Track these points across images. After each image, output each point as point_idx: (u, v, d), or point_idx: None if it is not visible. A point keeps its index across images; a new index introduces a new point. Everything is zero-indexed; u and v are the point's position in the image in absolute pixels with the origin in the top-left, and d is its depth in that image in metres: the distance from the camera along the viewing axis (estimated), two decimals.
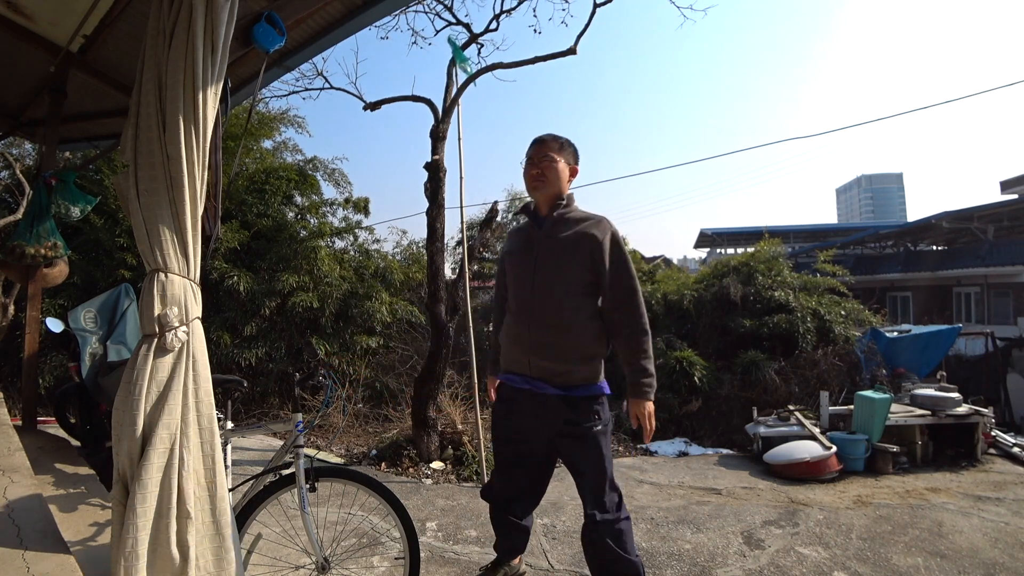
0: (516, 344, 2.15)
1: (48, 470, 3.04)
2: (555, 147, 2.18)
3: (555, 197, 2.17)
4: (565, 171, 2.19)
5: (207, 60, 1.58)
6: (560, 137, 2.22)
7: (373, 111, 5.90)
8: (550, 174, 2.15)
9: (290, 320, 7.45)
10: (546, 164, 2.15)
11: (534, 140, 2.24)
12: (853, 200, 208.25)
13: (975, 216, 16.49)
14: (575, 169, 2.25)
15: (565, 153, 2.20)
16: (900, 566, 3.03)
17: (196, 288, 1.61)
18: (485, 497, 2.36)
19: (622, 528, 2.04)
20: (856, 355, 7.40)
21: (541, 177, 2.15)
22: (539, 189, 2.16)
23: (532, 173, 2.17)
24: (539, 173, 2.15)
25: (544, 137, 2.22)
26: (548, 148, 2.18)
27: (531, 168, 2.19)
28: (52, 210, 3.59)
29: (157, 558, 1.42)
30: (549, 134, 2.23)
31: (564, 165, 2.18)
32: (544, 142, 2.19)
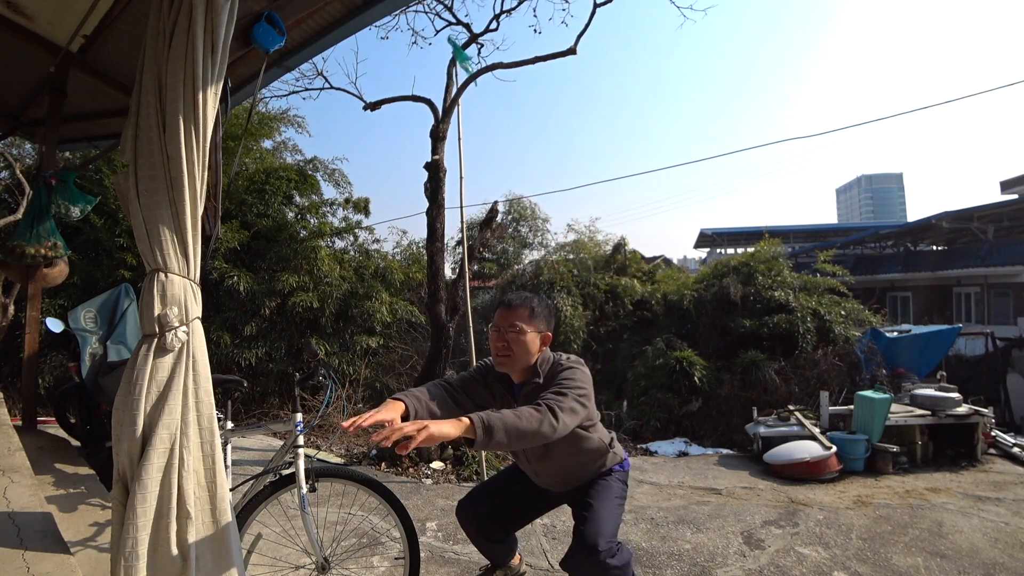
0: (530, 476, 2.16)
1: (48, 470, 3.03)
2: (524, 315, 1.92)
3: (526, 369, 1.95)
4: (535, 341, 1.93)
5: (207, 60, 1.58)
6: (531, 300, 1.96)
7: (373, 111, 5.91)
8: (517, 348, 1.89)
9: (290, 320, 7.45)
10: (512, 336, 1.89)
11: (502, 305, 1.98)
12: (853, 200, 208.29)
13: (975, 216, 16.49)
14: (548, 336, 1.97)
15: (536, 321, 1.93)
16: (900, 566, 3.03)
17: (196, 288, 1.61)
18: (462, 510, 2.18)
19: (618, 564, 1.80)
20: (856, 355, 7.40)
21: (507, 351, 1.90)
22: (506, 366, 1.93)
23: (498, 346, 1.93)
24: (505, 347, 1.91)
25: (513, 301, 1.96)
26: (516, 316, 1.92)
27: (496, 339, 1.94)
28: (52, 210, 3.59)
29: (157, 558, 1.42)
30: (519, 296, 1.98)
31: (534, 335, 1.92)
32: (512, 308, 1.94)
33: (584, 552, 1.80)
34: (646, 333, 8.71)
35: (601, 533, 1.82)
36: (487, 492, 2.25)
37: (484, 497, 2.21)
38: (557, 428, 1.65)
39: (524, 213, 13.84)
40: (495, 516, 2.18)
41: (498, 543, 2.24)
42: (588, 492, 2.02)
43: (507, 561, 2.38)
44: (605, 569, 1.76)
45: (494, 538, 2.22)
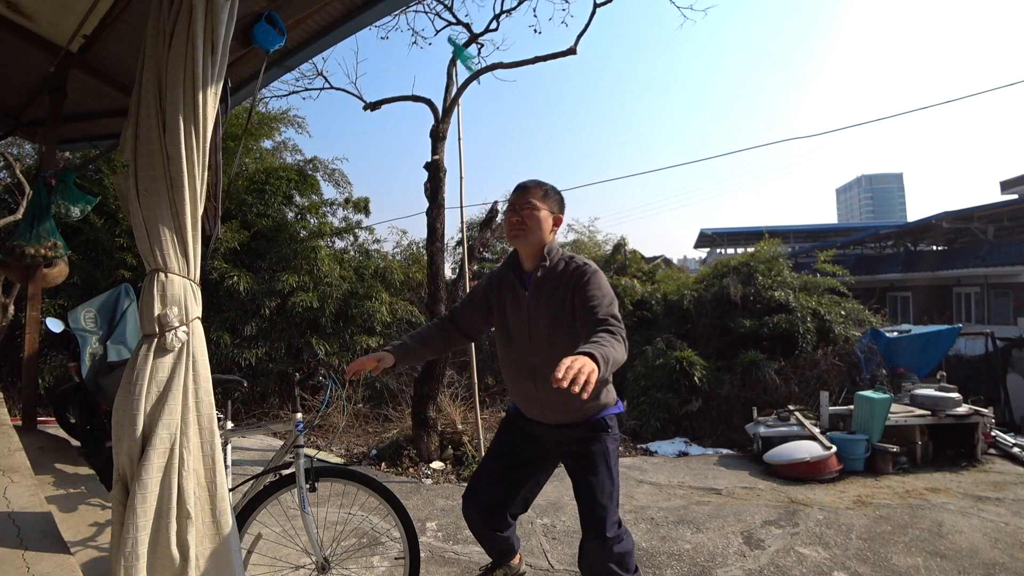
0: (525, 398, 2.11)
1: (48, 470, 3.04)
2: (538, 194, 2.03)
3: (537, 249, 2.03)
4: (548, 220, 2.03)
5: (207, 60, 1.58)
6: (544, 184, 2.08)
7: (373, 111, 5.90)
8: (531, 223, 2.00)
9: (290, 320, 7.45)
10: (527, 212, 2.00)
11: (517, 187, 2.09)
12: (853, 200, 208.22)
13: (975, 216, 16.49)
14: (559, 218, 2.09)
15: (549, 201, 2.05)
16: (900, 566, 3.03)
17: (196, 288, 1.61)
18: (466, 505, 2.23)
19: (623, 550, 1.97)
20: (856, 355, 7.39)
21: (521, 225, 2.00)
22: (519, 239, 2.02)
23: (512, 221, 2.03)
24: (519, 221, 2.00)
25: (527, 183, 2.07)
26: (530, 195, 2.03)
27: (511, 215, 2.04)
28: (52, 210, 3.60)
29: (157, 558, 1.42)
30: (533, 180, 2.08)
31: (547, 213, 2.03)
32: (526, 188, 2.05)
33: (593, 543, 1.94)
34: (646, 333, 8.70)
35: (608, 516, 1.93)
36: (484, 474, 2.25)
37: (483, 482, 2.22)
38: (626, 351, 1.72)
39: None
40: (497, 501, 2.18)
41: (503, 533, 2.23)
42: (585, 461, 2.00)
43: (508, 559, 2.38)
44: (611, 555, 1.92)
45: (499, 527, 2.22)
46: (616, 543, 1.93)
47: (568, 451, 2.06)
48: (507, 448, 2.22)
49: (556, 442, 2.09)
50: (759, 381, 7.18)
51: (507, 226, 2.07)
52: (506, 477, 2.19)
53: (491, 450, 2.29)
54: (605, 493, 1.96)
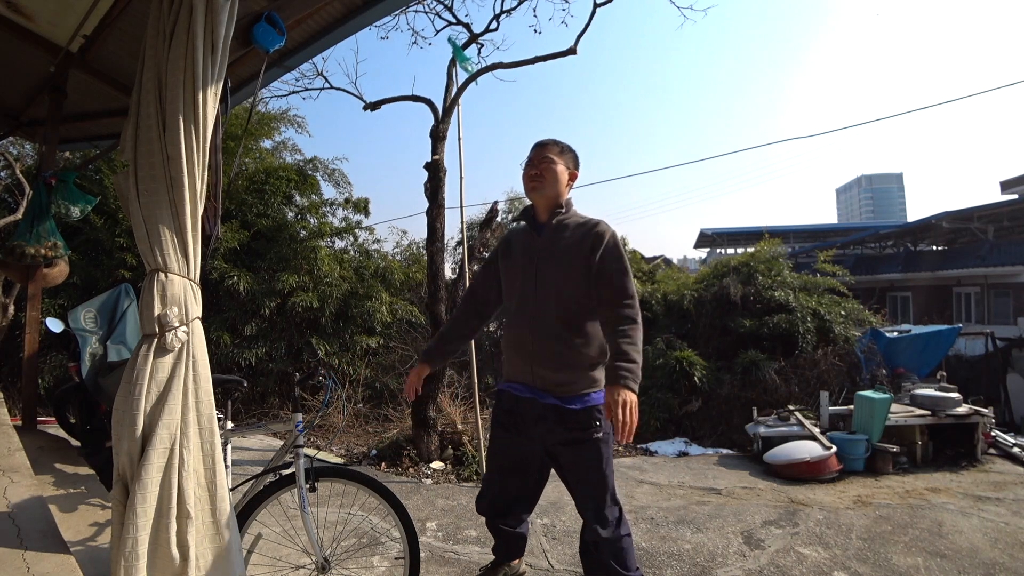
0: (518, 353, 2.09)
1: (48, 470, 3.04)
2: (555, 150, 2.15)
3: (554, 201, 2.13)
4: (564, 175, 2.15)
5: (207, 60, 1.58)
6: (561, 142, 2.20)
7: (373, 111, 5.90)
8: (548, 176, 2.11)
9: (290, 320, 7.44)
10: (544, 166, 2.12)
11: (535, 144, 2.21)
12: (853, 200, 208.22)
13: (975, 216, 16.49)
14: (575, 174, 2.21)
15: (565, 157, 2.16)
16: (900, 566, 3.03)
17: (196, 288, 1.61)
18: (479, 510, 2.30)
19: (623, 546, 1.98)
20: (856, 355, 7.39)
21: (539, 178, 2.11)
22: (537, 190, 2.12)
23: (530, 174, 2.14)
24: (537, 174, 2.12)
25: (544, 140, 2.19)
26: (548, 151, 2.15)
27: (529, 169, 2.15)
28: (52, 210, 3.60)
29: (157, 558, 1.42)
30: (550, 138, 2.21)
31: (563, 168, 2.14)
32: (544, 145, 2.17)
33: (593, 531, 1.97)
34: (646, 333, 8.68)
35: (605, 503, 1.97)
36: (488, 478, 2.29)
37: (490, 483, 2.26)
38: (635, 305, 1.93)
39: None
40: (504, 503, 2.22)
41: (517, 529, 2.27)
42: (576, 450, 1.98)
43: (515, 557, 2.38)
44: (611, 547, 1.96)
45: (512, 524, 2.26)
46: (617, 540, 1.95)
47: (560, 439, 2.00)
48: (503, 448, 2.22)
49: (548, 429, 2.01)
50: (759, 381, 7.18)
51: (525, 179, 2.16)
52: (507, 480, 2.21)
53: (489, 452, 2.32)
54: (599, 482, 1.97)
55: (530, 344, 2.04)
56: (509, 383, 2.16)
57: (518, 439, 2.15)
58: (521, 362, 2.08)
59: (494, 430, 2.28)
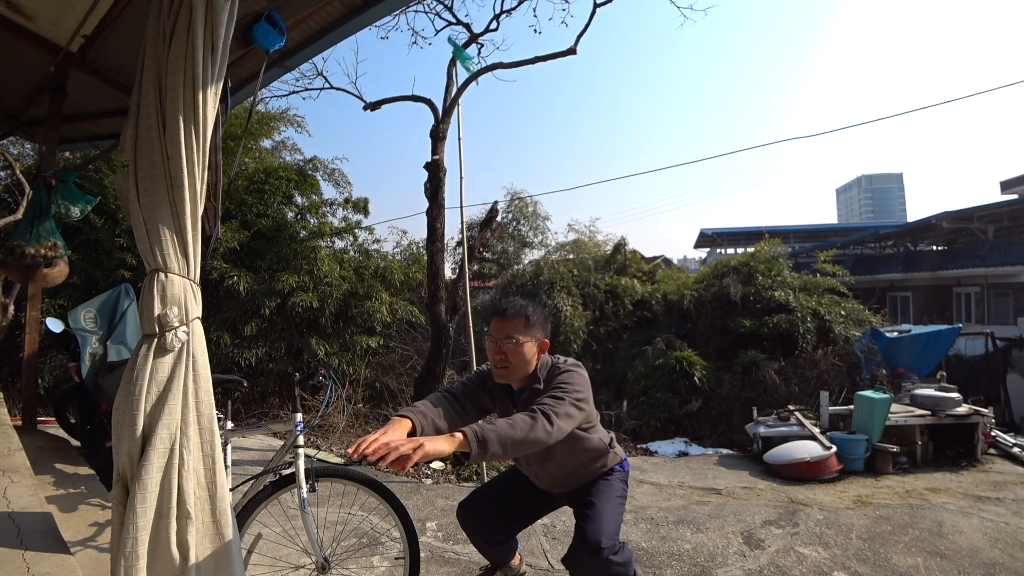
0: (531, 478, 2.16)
1: (48, 470, 3.04)
2: (520, 326, 1.89)
3: (525, 377, 1.94)
4: (533, 351, 1.91)
5: (207, 60, 1.58)
6: (525, 308, 1.94)
7: (373, 111, 5.91)
8: (515, 360, 1.88)
9: (290, 320, 7.44)
10: (510, 348, 1.87)
11: (497, 312, 1.97)
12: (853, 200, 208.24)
13: (975, 216, 16.49)
14: (545, 343, 1.97)
15: (532, 329, 1.91)
16: (900, 566, 3.03)
17: (196, 288, 1.61)
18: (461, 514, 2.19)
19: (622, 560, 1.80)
20: (856, 355, 7.39)
21: (505, 363, 1.89)
22: (505, 377, 1.93)
23: (496, 358, 1.92)
24: (503, 359, 1.89)
25: (507, 311, 1.93)
26: (511, 328, 1.89)
27: (494, 352, 1.92)
28: (52, 210, 3.60)
29: (157, 558, 1.42)
30: (514, 306, 1.95)
31: (531, 344, 1.91)
32: (506, 318, 1.91)
33: (586, 550, 1.79)
34: (646, 333, 8.70)
35: (603, 531, 1.82)
36: (487, 495, 2.25)
37: (484, 500, 2.21)
38: (552, 433, 1.63)
39: (525, 211, 13.83)
40: (496, 518, 2.18)
41: (499, 544, 2.24)
42: (589, 491, 2.01)
43: (507, 562, 2.38)
44: (608, 566, 1.75)
45: (495, 540, 2.22)
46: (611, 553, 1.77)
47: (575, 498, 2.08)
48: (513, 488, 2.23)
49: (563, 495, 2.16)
50: (759, 381, 7.18)
51: (491, 359, 1.96)
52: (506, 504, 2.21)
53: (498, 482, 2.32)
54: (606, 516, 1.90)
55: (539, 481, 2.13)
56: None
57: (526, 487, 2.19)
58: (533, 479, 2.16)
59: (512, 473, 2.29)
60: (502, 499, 2.21)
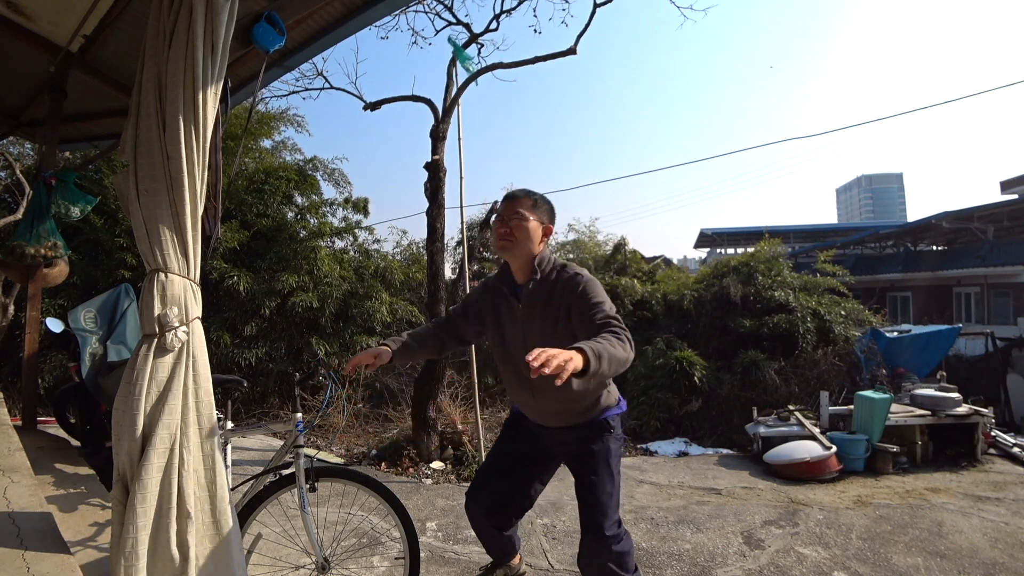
0: (525, 407, 2.13)
1: (48, 470, 3.04)
2: (527, 204, 1.98)
3: (528, 260, 1.98)
4: (537, 231, 1.97)
5: (207, 60, 1.58)
6: (534, 193, 2.03)
7: (373, 111, 5.90)
8: (519, 234, 1.94)
9: (290, 320, 7.45)
10: (515, 223, 1.95)
11: (505, 195, 2.05)
12: (853, 200, 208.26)
13: (975, 216, 16.49)
14: (549, 228, 2.03)
15: (539, 211, 1.99)
16: (900, 566, 3.03)
17: (196, 288, 1.61)
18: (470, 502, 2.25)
19: (623, 550, 1.96)
20: (856, 355, 7.39)
21: (509, 236, 1.95)
22: (507, 250, 1.97)
23: (500, 231, 1.98)
24: (507, 232, 1.95)
25: (515, 192, 2.03)
26: (519, 204, 1.97)
27: (499, 226, 1.99)
28: (52, 210, 3.60)
29: (157, 558, 1.42)
30: (522, 190, 2.04)
31: (536, 224, 1.97)
32: (515, 198, 2.00)
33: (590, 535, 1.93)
34: (646, 333, 8.70)
35: (607, 515, 1.93)
36: (488, 473, 2.26)
37: (486, 479, 2.23)
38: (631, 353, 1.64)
39: None
40: (500, 499, 2.19)
41: (505, 531, 2.25)
42: (588, 459, 2.00)
43: (509, 558, 2.38)
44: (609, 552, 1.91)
45: (502, 525, 2.23)
46: (615, 542, 1.92)
47: (570, 451, 2.07)
48: (510, 447, 2.23)
49: (559, 442, 2.09)
50: (759, 381, 7.18)
51: (495, 237, 2.02)
52: (508, 476, 2.19)
53: (495, 449, 2.31)
54: (605, 492, 1.96)
55: (534, 403, 2.05)
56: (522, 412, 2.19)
57: (523, 444, 2.19)
58: (530, 412, 2.12)
59: (500, 437, 2.31)
60: (501, 472, 2.21)
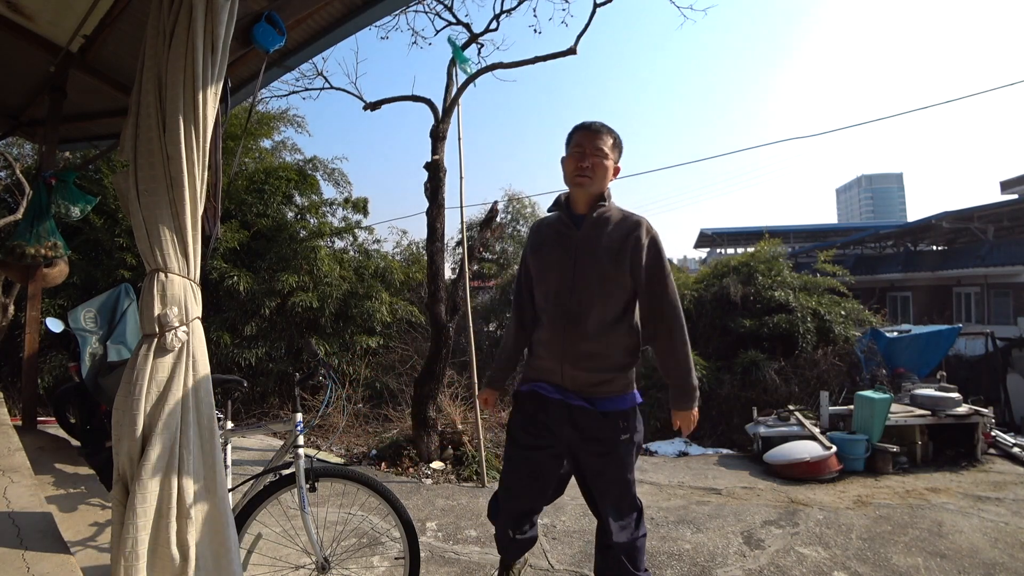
0: (549, 351, 1.96)
1: (48, 470, 3.04)
2: (608, 142, 1.94)
3: (597, 196, 1.94)
4: (611, 170, 1.95)
5: (207, 60, 1.58)
6: (613, 131, 1.97)
7: (373, 111, 5.90)
8: (599, 171, 1.91)
9: (290, 320, 7.45)
10: (597, 160, 1.91)
11: (585, 126, 1.96)
12: (853, 200, 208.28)
13: (975, 216, 16.49)
14: (618, 168, 2.02)
15: (616, 151, 1.98)
16: (900, 566, 3.03)
17: (196, 288, 1.61)
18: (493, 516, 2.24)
19: (638, 546, 1.94)
20: (856, 355, 7.40)
21: (590, 172, 1.90)
22: (584, 186, 1.92)
23: (581, 165, 1.90)
24: (588, 168, 1.90)
25: (597, 127, 1.95)
26: (602, 141, 1.92)
27: (579, 159, 1.91)
28: (52, 210, 3.60)
29: (157, 558, 1.42)
30: (603, 124, 1.97)
31: (612, 163, 1.95)
32: (599, 133, 1.93)
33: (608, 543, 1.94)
34: None
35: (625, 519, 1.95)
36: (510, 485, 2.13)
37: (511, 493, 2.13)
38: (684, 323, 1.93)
39: (524, 212, 13.86)
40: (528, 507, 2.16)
41: (526, 534, 2.19)
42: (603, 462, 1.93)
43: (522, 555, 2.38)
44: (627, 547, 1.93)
45: (528, 530, 2.19)
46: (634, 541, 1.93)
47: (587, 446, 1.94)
48: (527, 453, 2.06)
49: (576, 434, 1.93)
50: (759, 381, 7.19)
51: (572, 169, 1.94)
52: (532, 485, 2.09)
53: (512, 457, 2.13)
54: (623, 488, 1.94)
55: (563, 343, 1.91)
56: (536, 383, 2.01)
57: (539, 452, 2.03)
58: (552, 360, 1.95)
59: (513, 439, 2.11)
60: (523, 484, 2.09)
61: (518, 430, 2.08)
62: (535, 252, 2.06)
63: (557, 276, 1.95)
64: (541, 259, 2.03)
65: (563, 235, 1.97)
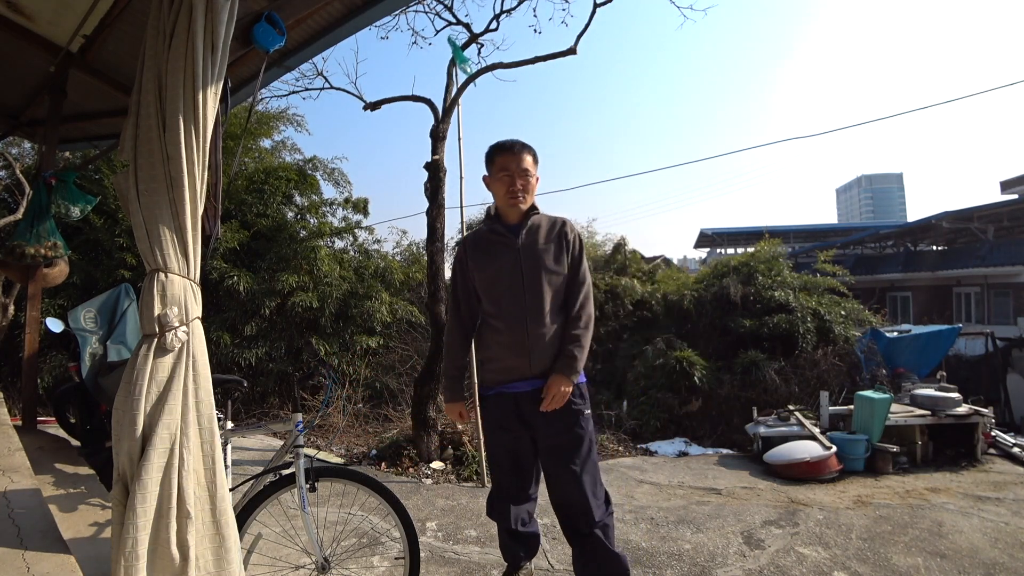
0: (512, 351, 2.11)
1: (48, 470, 3.04)
2: (529, 159, 2.16)
3: (528, 209, 2.20)
4: (536, 184, 2.22)
5: (207, 60, 1.58)
6: (530, 147, 2.20)
7: (373, 111, 5.90)
8: (529, 190, 2.17)
9: (290, 320, 7.45)
10: (524, 181, 2.15)
11: (505, 147, 2.17)
12: (853, 200, 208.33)
13: (975, 216, 16.51)
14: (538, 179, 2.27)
15: (535, 165, 2.21)
16: (900, 566, 3.03)
17: (196, 288, 1.61)
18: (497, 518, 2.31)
19: (609, 524, 2.10)
20: (856, 355, 7.40)
21: (524, 192, 2.15)
22: (517, 206, 2.16)
23: (513, 189, 2.14)
24: (520, 189, 2.14)
25: (520, 147, 2.17)
26: (525, 161, 2.15)
27: (509, 184, 2.14)
28: (52, 210, 3.60)
29: (157, 558, 1.42)
30: (522, 143, 2.18)
31: (535, 178, 2.20)
32: (520, 154, 2.15)
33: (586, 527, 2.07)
34: (646, 333, 8.70)
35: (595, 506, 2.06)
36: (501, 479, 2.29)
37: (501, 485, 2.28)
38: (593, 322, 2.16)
39: None
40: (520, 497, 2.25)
41: (527, 527, 2.29)
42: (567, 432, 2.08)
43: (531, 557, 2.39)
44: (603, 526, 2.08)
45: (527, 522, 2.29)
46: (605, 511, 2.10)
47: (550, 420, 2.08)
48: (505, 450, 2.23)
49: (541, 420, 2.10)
50: (759, 381, 7.19)
51: (506, 192, 2.14)
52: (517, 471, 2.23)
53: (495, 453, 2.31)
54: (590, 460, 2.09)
55: (526, 337, 2.09)
56: (504, 386, 2.15)
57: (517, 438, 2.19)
58: (517, 358, 2.11)
59: (492, 435, 2.29)
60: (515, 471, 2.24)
61: (496, 428, 2.25)
62: (480, 264, 2.22)
63: (509, 279, 2.14)
64: (490, 267, 2.19)
65: (506, 244, 2.18)
